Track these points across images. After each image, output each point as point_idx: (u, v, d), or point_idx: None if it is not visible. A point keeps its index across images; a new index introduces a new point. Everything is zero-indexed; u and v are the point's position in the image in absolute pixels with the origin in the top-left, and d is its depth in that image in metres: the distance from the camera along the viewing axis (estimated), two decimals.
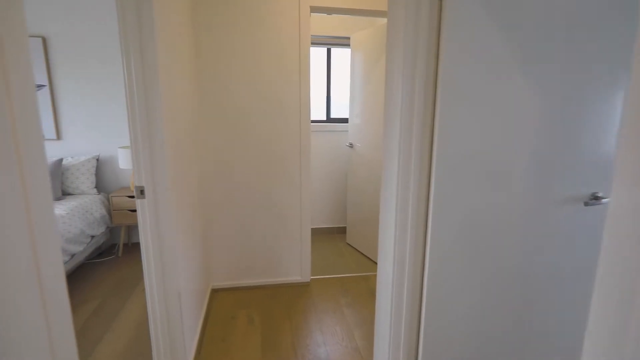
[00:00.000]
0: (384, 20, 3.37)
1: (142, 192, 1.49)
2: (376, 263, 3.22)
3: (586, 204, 1.38)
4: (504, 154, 1.28)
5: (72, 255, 2.69)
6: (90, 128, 3.34)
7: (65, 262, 2.60)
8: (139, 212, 1.53)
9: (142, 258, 1.59)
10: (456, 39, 1.17)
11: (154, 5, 1.38)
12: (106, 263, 3.21)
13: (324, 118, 3.90)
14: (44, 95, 3.21)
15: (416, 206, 1.34)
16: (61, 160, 3.11)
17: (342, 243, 3.70)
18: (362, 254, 3.43)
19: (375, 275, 2.95)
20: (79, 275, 2.97)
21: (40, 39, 3.12)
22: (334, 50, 3.78)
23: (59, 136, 3.31)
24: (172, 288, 1.64)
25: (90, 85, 3.27)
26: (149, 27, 1.38)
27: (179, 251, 1.72)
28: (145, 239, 1.56)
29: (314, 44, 3.66)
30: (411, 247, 1.38)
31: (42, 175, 0.64)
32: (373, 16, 2.68)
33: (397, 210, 1.36)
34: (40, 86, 3.19)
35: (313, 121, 3.84)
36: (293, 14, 2.46)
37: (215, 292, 2.71)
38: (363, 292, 2.70)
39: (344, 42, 3.68)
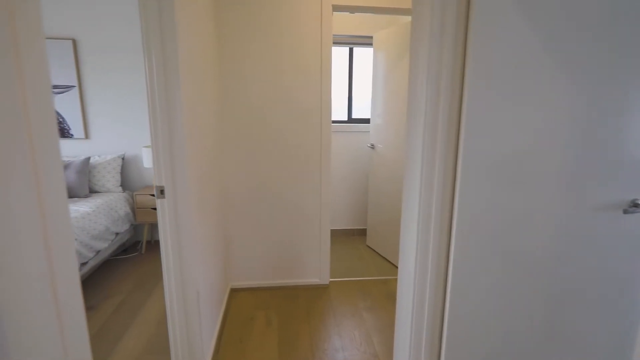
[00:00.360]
0: (408, 19, 3.30)
1: (162, 192, 1.50)
2: (397, 267, 3.15)
3: (625, 211, 1.28)
4: (536, 155, 1.21)
5: (97, 252, 2.76)
6: (117, 128, 3.43)
7: (91, 258, 2.67)
8: (159, 212, 1.54)
9: (162, 257, 1.60)
10: (485, 35, 1.11)
11: (175, 6, 1.39)
12: (130, 260, 3.28)
13: (345, 118, 3.85)
14: (73, 96, 3.31)
15: (440, 209, 1.28)
16: (88, 158, 3.21)
17: (362, 245, 3.65)
18: (382, 257, 3.37)
19: (396, 280, 2.89)
20: (104, 271, 3.05)
21: (70, 41, 3.22)
22: (356, 49, 3.73)
23: (87, 135, 3.41)
24: (190, 287, 1.64)
25: (117, 85, 3.36)
26: (171, 28, 1.38)
27: (198, 250, 1.73)
28: (165, 238, 1.57)
29: (336, 43, 3.62)
30: (434, 251, 1.32)
31: (57, 177, 0.64)
32: (396, 14, 2.62)
33: (420, 213, 1.31)
34: (69, 87, 3.29)
35: (334, 121, 3.81)
36: (315, 13, 2.44)
37: (234, 291, 2.72)
38: (383, 296, 2.64)
39: (366, 41, 3.63)
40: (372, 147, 3.39)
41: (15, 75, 0.54)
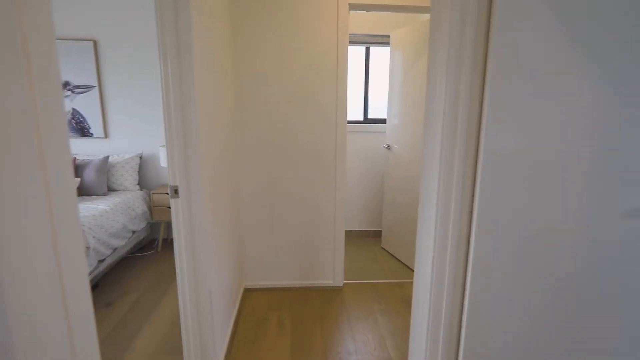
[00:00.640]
0: (426, 17, 3.23)
1: (176, 191, 1.50)
2: (412, 270, 3.09)
3: None
4: (563, 156, 1.15)
5: (115, 249, 2.80)
6: (135, 127, 3.48)
7: (108, 256, 2.71)
8: (172, 211, 1.54)
9: (175, 255, 1.60)
10: (509, 27, 1.06)
11: (191, 5, 1.38)
12: (146, 257, 3.32)
13: (361, 119, 3.81)
14: (93, 96, 3.38)
15: (459, 212, 1.24)
16: (107, 157, 3.26)
17: (377, 247, 3.60)
18: (397, 259, 3.31)
19: (411, 283, 2.83)
20: (121, 268, 3.10)
21: (91, 42, 3.28)
22: (372, 48, 3.69)
23: (106, 134, 3.47)
24: (203, 285, 1.64)
25: (135, 85, 3.41)
26: (186, 26, 1.37)
27: (211, 250, 1.72)
28: (178, 237, 1.57)
29: (352, 42, 3.59)
30: (452, 256, 1.28)
31: (66, 177, 0.63)
32: (414, 12, 2.57)
33: (438, 216, 1.27)
34: (90, 87, 3.36)
35: (350, 122, 3.77)
36: (331, 12, 2.41)
37: (248, 291, 2.72)
38: (397, 299, 2.59)
39: (383, 40, 3.58)
40: (388, 147, 3.34)
41: (24, 73, 0.53)
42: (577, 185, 1.17)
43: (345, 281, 2.87)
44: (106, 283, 2.84)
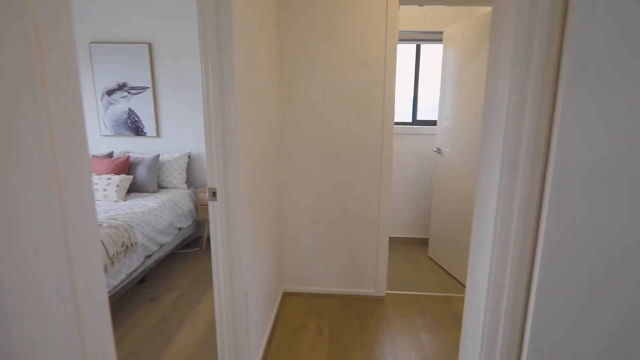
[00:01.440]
0: (483, 10, 2.99)
1: (214, 194, 1.47)
2: (462, 284, 2.87)
3: None
4: None
5: (161, 246, 2.88)
6: (184, 127, 3.58)
7: (155, 251, 2.79)
8: (210, 213, 1.51)
9: (212, 256, 1.58)
10: (592, 9, 0.88)
11: (232, 4, 1.34)
12: (191, 254, 3.41)
13: (410, 120, 3.63)
14: (147, 97, 3.52)
15: (522, 225, 1.07)
16: (158, 156, 3.38)
17: (423, 256, 3.40)
18: (445, 270, 3.10)
19: (459, 298, 2.62)
20: (167, 264, 3.19)
21: (147, 45, 3.42)
22: (423, 46, 3.49)
23: (158, 134, 3.61)
24: (239, 287, 1.60)
25: (185, 87, 3.51)
26: (227, 27, 1.33)
27: (248, 252, 1.68)
28: (215, 238, 1.55)
29: (401, 40, 3.42)
30: (512, 274, 1.11)
31: (83, 180, 0.58)
32: (472, 4, 2.37)
33: (497, 228, 1.11)
34: (144, 88, 3.51)
35: (397, 123, 3.60)
36: (380, 8, 2.28)
37: (286, 295, 2.67)
38: (444, 315, 2.41)
39: (435, 37, 3.38)
40: (438, 151, 3.14)
41: (37, 73, 0.49)
42: None
43: (387, 291, 2.72)
44: (152, 278, 2.94)
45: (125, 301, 2.57)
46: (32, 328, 0.51)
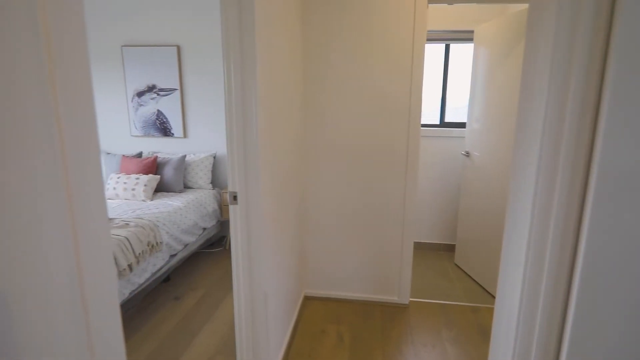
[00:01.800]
0: (517, 7, 2.85)
1: (235, 197, 1.46)
2: (491, 294, 2.75)
3: None
4: None
5: (186, 245, 2.93)
6: (210, 128, 3.63)
7: (179, 251, 2.84)
8: (231, 217, 1.50)
9: (232, 260, 1.57)
10: None
11: (255, 7, 1.32)
12: (215, 254, 3.44)
13: (438, 122, 3.52)
14: (175, 98, 3.59)
15: (560, 236, 0.99)
16: (184, 156, 3.44)
17: (449, 263, 3.28)
18: (472, 279, 2.98)
19: (488, 309, 2.51)
20: (191, 263, 3.24)
21: (175, 48, 3.49)
22: (452, 46, 3.38)
23: (185, 134, 3.68)
24: (258, 289, 1.59)
25: (212, 88, 3.56)
26: (249, 27, 1.31)
27: (268, 255, 1.66)
28: (235, 242, 1.54)
29: (430, 40, 3.32)
30: (548, 290, 1.03)
31: (94, 182, 0.57)
32: (505, 2, 2.26)
33: (531, 238, 1.03)
34: (173, 90, 3.58)
35: (424, 125, 3.50)
36: (407, 7, 2.21)
37: (307, 299, 2.64)
38: (471, 327, 2.30)
39: (465, 36, 3.25)
40: (467, 154, 3.02)
41: (47, 76, 0.48)
42: None
43: (411, 299, 2.64)
44: (177, 276, 2.99)
45: (150, 299, 2.63)
46: (39, 329, 0.50)
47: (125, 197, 3.10)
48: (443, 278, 3.00)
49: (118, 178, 3.17)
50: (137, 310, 2.49)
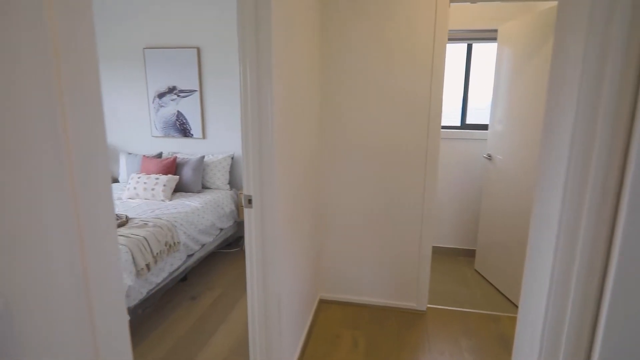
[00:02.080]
0: (544, 5, 2.74)
1: (249, 201, 1.45)
2: (513, 303, 2.65)
3: None
4: None
5: (203, 245, 2.95)
6: (229, 128, 3.66)
7: (197, 251, 2.86)
8: (246, 220, 1.49)
9: (246, 262, 1.56)
10: None
11: (272, 8, 1.30)
12: (232, 254, 3.46)
13: (459, 124, 3.43)
14: (195, 99, 3.64)
15: (590, 245, 0.92)
16: (203, 157, 3.48)
17: (469, 269, 3.19)
18: (493, 286, 2.88)
19: (509, 318, 2.42)
20: (208, 263, 3.27)
21: (195, 50, 3.54)
22: (475, 45, 3.28)
23: (204, 135, 3.72)
24: (272, 293, 1.57)
25: (231, 89, 3.58)
26: (266, 27, 1.30)
27: (283, 259, 1.64)
28: (250, 245, 1.53)
29: (451, 39, 3.24)
30: (576, 301, 0.97)
31: (101, 182, 0.56)
32: (530, 0, 2.17)
33: (558, 246, 0.97)
34: (192, 91, 3.63)
35: (444, 127, 3.42)
36: (429, 6, 2.16)
37: (322, 303, 2.61)
38: (491, 336, 2.22)
39: (488, 35, 3.16)
40: (489, 157, 2.93)
41: (53, 75, 0.47)
42: None
43: (429, 305, 2.58)
44: (194, 276, 3.02)
45: (167, 299, 2.66)
46: (42, 329, 0.49)
47: (145, 197, 3.15)
48: (462, 284, 2.91)
49: (139, 178, 3.23)
50: (154, 309, 2.52)
